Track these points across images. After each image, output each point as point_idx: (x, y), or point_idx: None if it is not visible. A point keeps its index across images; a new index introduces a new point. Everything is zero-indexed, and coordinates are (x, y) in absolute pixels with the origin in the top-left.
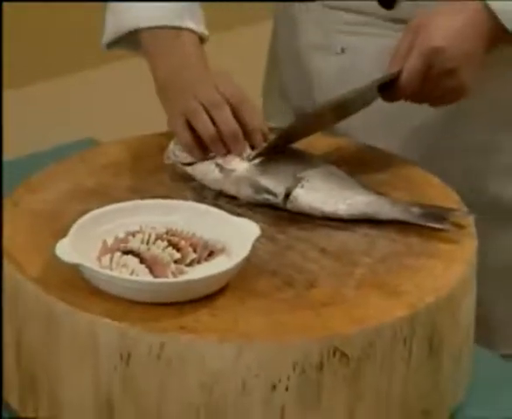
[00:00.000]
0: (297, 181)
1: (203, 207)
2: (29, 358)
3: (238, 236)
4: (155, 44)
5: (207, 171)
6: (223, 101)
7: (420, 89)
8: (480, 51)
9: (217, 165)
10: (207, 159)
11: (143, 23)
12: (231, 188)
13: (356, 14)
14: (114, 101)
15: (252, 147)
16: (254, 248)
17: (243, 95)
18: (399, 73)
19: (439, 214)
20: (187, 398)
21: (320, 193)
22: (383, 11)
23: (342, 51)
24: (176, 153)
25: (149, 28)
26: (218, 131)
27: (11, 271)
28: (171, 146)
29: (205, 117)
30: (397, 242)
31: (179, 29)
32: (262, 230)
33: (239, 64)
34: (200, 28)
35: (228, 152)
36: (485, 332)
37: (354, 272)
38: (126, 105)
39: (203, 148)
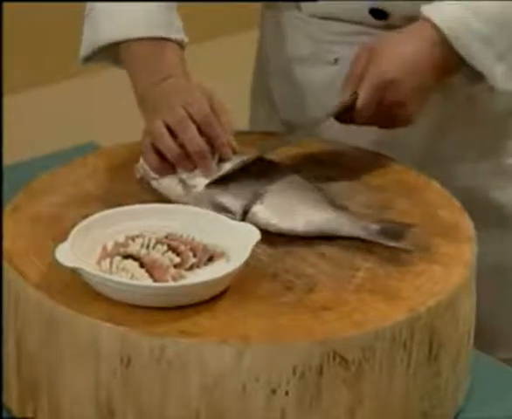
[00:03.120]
0: (256, 197)
1: (202, 211)
2: (29, 362)
3: (237, 241)
4: (133, 58)
5: (171, 186)
6: (187, 119)
7: (373, 116)
8: (431, 83)
9: (181, 180)
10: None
11: (120, 35)
12: (192, 205)
13: (346, 23)
14: (116, 106)
15: (220, 160)
16: (254, 252)
17: (209, 112)
18: (354, 101)
19: (399, 231)
20: (187, 402)
21: (278, 209)
22: (374, 20)
23: (336, 61)
24: (145, 167)
25: (127, 40)
26: (184, 150)
27: (12, 276)
28: (141, 160)
29: (167, 138)
30: (396, 246)
31: (158, 39)
32: (262, 234)
33: (232, 70)
34: (179, 35)
35: (195, 167)
36: (480, 336)
37: (353, 277)
38: (128, 109)
39: (171, 166)
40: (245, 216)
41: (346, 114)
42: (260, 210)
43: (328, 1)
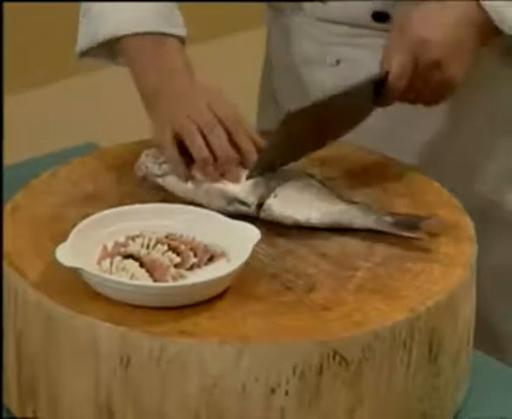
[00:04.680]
0: (270, 190)
1: (203, 211)
2: (29, 362)
3: (238, 241)
4: (139, 52)
5: (178, 182)
6: (218, 125)
7: (410, 86)
8: (470, 45)
9: (190, 176)
10: (189, 178)
11: (125, 30)
12: (202, 199)
13: (349, 26)
14: (116, 106)
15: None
16: (254, 252)
17: (237, 116)
18: (387, 74)
19: (412, 222)
20: (187, 402)
21: (292, 201)
22: (375, 23)
23: (338, 62)
24: (148, 165)
25: (132, 35)
26: (213, 155)
27: (12, 276)
28: (143, 158)
29: (201, 140)
30: (396, 246)
31: (163, 35)
32: (262, 234)
33: (237, 69)
34: (182, 32)
35: (222, 175)
36: (493, 340)
37: (353, 276)
38: (127, 109)
39: (187, 165)
40: (259, 208)
41: (384, 93)
42: (275, 202)
43: (332, 1)
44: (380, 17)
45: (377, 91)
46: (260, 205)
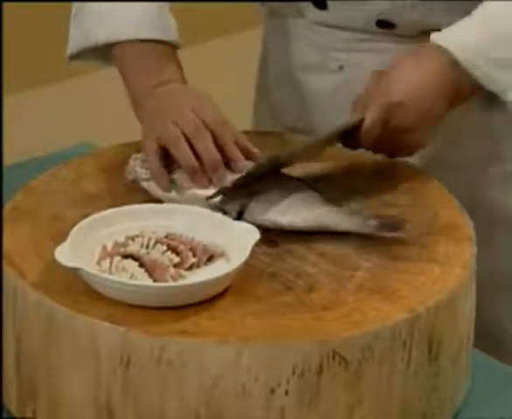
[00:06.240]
0: (251, 195)
1: (202, 211)
2: (29, 362)
3: (237, 240)
4: (130, 58)
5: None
6: (204, 129)
7: (379, 139)
8: (442, 109)
9: (172, 181)
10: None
11: (117, 36)
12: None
13: (351, 32)
14: (115, 106)
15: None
16: (254, 252)
17: (223, 120)
18: (360, 122)
19: (396, 224)
20: (187, 402)
21: (275, 205)
22: (380, 30)
23: (341, 68)
24: (136, 169)
25: (123, 41)
26: (199, 160)
27: (12, 276)
28: (131, 162)
29: (186, 147)
30: (396, 246)
31: (154, 41)
32: (261, 233)
33: (234, 70)
34: (174, 37)
35: (209, 182)
36: (494, 340)
37: (353, 276)
38: (127, 109)
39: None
40: (241, 214)
41: (352, 138)
42: (257, 207)
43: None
44: (385, 24)
45: (348, 133)
46: (241, 212)
